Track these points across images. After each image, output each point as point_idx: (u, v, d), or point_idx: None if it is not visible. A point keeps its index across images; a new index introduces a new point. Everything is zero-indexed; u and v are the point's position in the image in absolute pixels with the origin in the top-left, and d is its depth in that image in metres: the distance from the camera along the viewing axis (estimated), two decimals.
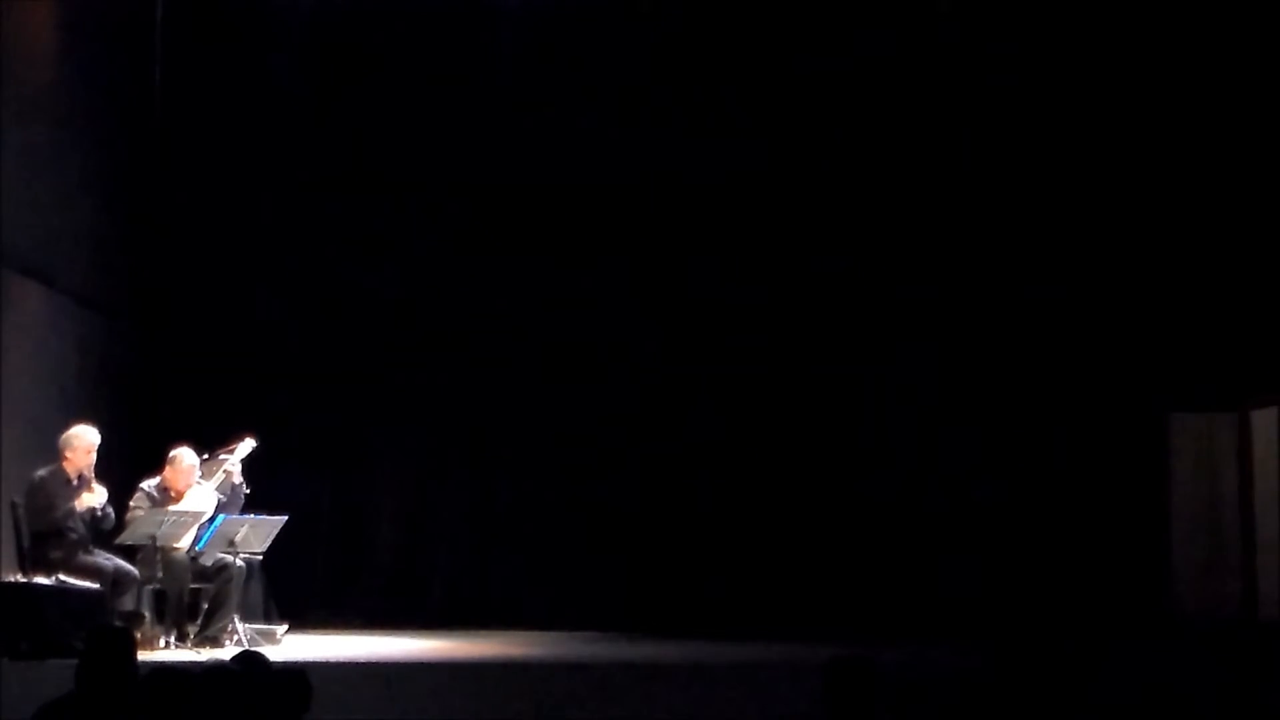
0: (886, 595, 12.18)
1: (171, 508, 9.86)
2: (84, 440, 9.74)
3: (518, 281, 12.87)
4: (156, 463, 10.14)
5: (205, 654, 9.15)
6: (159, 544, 9.63)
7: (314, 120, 12.88)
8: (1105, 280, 12.52)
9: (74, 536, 9.59)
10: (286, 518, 10.04)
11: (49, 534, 9.53)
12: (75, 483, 9.66)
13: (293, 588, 11.37)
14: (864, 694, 5.22)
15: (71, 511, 9.59)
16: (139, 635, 8.85)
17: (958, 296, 12.69)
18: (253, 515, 10.03)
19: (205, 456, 10.28)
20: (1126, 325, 12.45)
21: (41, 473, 9.66)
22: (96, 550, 9.74)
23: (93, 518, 9.72)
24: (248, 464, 10.38)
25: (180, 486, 10.02)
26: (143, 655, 6.69)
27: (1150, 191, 12.47)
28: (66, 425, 10.13)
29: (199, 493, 10.07)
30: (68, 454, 9.69)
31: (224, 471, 10.24)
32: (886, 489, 12.51)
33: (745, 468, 12.72)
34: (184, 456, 10.06)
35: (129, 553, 9.80)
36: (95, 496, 9.68)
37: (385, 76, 12.93)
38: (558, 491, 12.70)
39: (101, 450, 9.82)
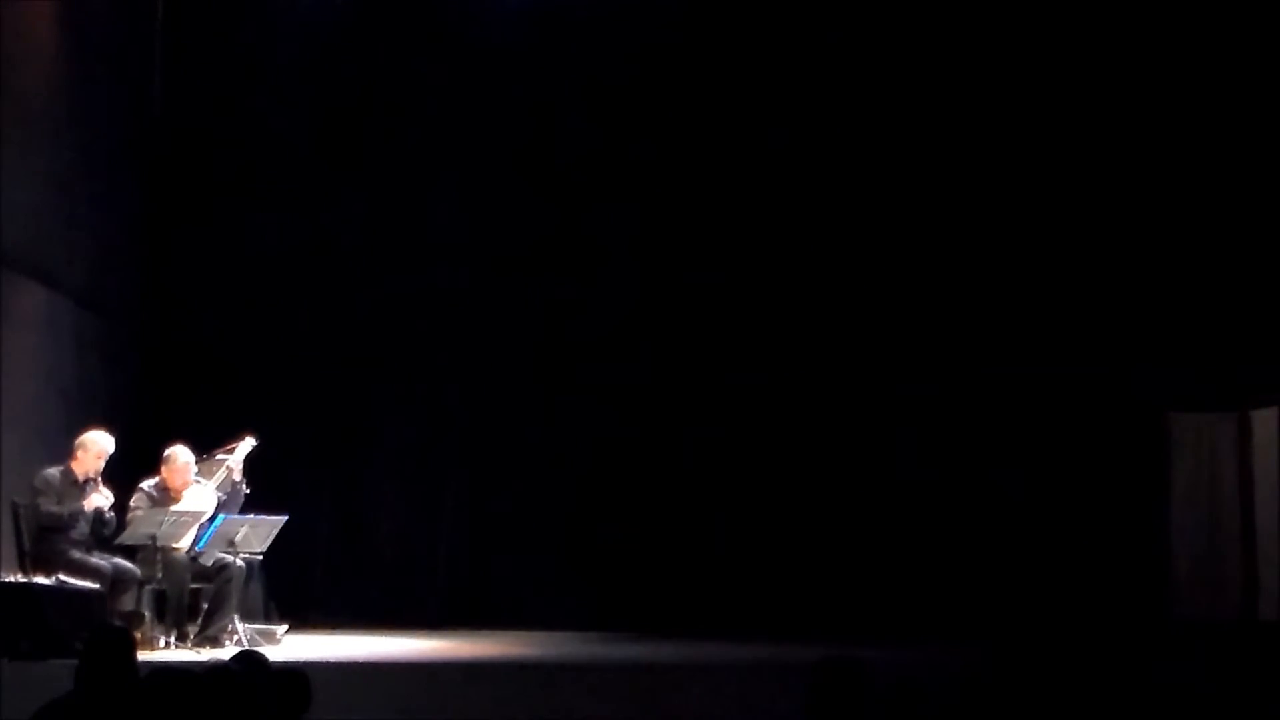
0: (884, 596, 12.18)
1: (172, 507, 9.86)
2: (97, 445, 9.75)
3: (518, 282, 12.89)
4: (156, 463, 10.14)
5: (205, 654, 9.15)
6: (159, 544, 9.62)
7: (314, 120, 12.88)
8: (1105, 280, 12.52)
9: (76, 536, 9.59)
10: (286, 518, 10.04)
11: (51, 531, 9.53)
12: (82, 484, 9.66)
13: (293, 588, 11.37)
14: (851, 696, 5.19)
15: (78, 512, 9.59)
16: (139, 635, 8.86)
17: (956, 296, 12.69)
18: (253, 515, 10.03)
19: (204, 456, 10.29)
20: (1126, 325, 12.45)
21: (50, 470, 9.68)
22: (96, 551, 9.73)
23: (98, 520, 9.71)
24: (248, 463, 10.38)
25: (177, 484, 10.01)
26: (143, 655, 6.68)
27: (1150, 192, 12.47)
28: (66, 425, 10.14)
29: (198, 492, 10.07)
30: (79, 454, 9.71)
31: (226, 468, 10.25)
32: (883, 489, 12.51)
33: (743, 469, 12.71)
34: (178, 454, 10.06)
35: (129, 553, 9.80)
36: (102, 498, 9.68)
37: (387, 76, 12.93)
38: (557, 492, 12.70)
39: None
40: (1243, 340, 12.07)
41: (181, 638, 9.60)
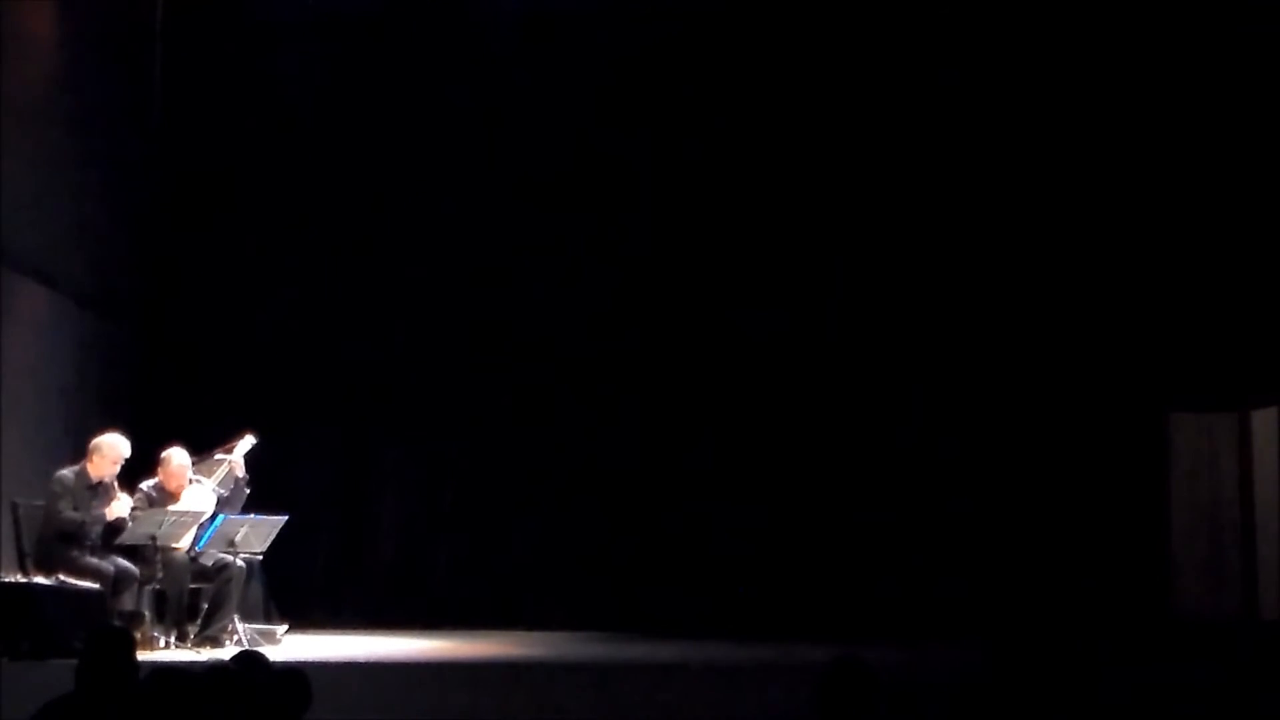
0: (885, 596, 12.18)
1: (171, 507, 9.86)
2: (113, 450, 9.73)
3: (519, 282, 12.89)
4: (155, 463, 10.13)
5: (205, 654, 9.15)
6: (159, 544, 9.62)
7: (314, 120, 12.89)
8: (1105, 280, 12.52)
9: (86, 541, 9.58)
10: (286, 518, 10.03)
11: (61, 535, 9.50)
12: (94, 486, 9.65)
13: (293, 588, 11.36)
14: (859, 697, 5.19)
15: (100, 519, 9.58)
16: (139, 635, 8.86)
17: (958, 296, 12.69)
18: (253, 515, 10.03)
19: (202, 455, 10.27)
20: (1126, 325, 12.45)
21: (64, 471, 9.67)
22: (99, 551, 9.72)
23: (112, 527, 9.68)
24: (248, 461, 10.38)
25: (173, 487, 10.01)
26: (143, 655, 6.67)
27: (1150, 192, 12.47)
28: (66, 425, 10.13)
29: (198, 492, 10.06)
30: (94, 458, 9.70)
31: (229, 464, 10.25)
32: (885, 489, 12.51)
33: (744, 469, 12.71)
34: (174, 457, 10.04)
35: (129, 553, 9.80)
36: (122, 505, 9.67)
37: (388, 77, 12.94)
38: (558, 492, 12.70)
39: None
40: (1243, 340, 12.07)
41: (181, 638, 9.59)
